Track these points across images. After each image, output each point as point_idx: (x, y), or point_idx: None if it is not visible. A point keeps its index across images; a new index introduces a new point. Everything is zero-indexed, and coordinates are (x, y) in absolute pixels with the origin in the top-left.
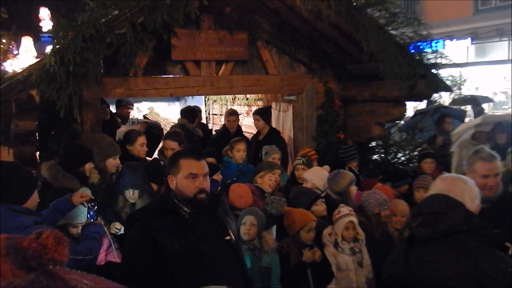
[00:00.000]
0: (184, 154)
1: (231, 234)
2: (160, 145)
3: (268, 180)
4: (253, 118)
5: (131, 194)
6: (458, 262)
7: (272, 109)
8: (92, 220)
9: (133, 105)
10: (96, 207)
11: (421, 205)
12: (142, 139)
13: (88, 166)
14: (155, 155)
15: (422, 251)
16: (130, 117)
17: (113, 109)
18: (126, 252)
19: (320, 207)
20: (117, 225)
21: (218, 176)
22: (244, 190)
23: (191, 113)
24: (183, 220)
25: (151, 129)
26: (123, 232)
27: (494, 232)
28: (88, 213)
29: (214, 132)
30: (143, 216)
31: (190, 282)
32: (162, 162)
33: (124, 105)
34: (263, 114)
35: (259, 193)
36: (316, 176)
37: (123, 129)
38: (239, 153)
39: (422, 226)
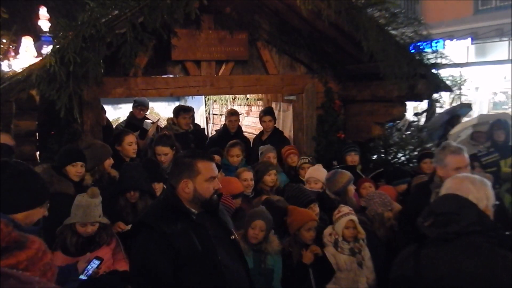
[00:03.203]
0: (198, 157)
1: (235, 233)
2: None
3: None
4: (264, 120)
5: (132, 194)
6: (470, 263)
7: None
8: (83, 277)
9: (146, 107)
10: (96, 266)
11: (433, 204)
12: (129, 138)
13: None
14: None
15: (433, 251)
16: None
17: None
18: (141, 260)
19: (311, 212)
20: (121, 224)
21: (221, 175)
22: (232, 178)
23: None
24: (192, 223)
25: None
26: (127, 232)
27: (506, 233)
28: (85, 272)
29: (214, 132)
30: (156, 222)
31: (208, 284)
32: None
33: (136, 106)
34: (273, 114)
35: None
36: (319, 172)
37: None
38: (232, 158)
39: (434, 226)
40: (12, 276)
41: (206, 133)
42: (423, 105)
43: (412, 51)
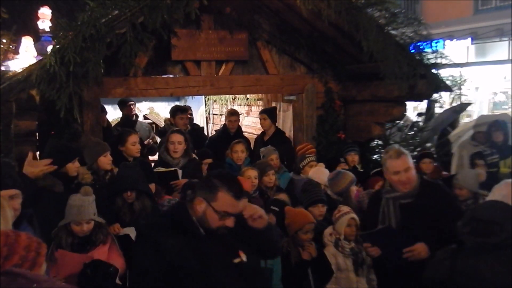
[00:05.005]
0: (226, 187)
1: (242, 255)
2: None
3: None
4: (260, 117)
5: (129, 195)
6: (507, 276)
7: None
8: None
9: (132, 101)
10: None
11: (476, 210)
12: (133, 138)
13: (72, 166)
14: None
15: (470, 260)
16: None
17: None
18: (134, 265)
19: (316, 210)
20: (116, 227)
21: None
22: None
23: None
24: (196, 240)
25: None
26: (123, 234)
27: None
28: None
29: (214, 132)
30: (149, 232)
31: None
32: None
33: (124, 106)
34: (270, 113)
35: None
36: (320, 174)
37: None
38: (236, 154)
39: (473, 233)
40: (20, 274)
41: (206, 133)
42: (423, 105)
43: (412, 51)
